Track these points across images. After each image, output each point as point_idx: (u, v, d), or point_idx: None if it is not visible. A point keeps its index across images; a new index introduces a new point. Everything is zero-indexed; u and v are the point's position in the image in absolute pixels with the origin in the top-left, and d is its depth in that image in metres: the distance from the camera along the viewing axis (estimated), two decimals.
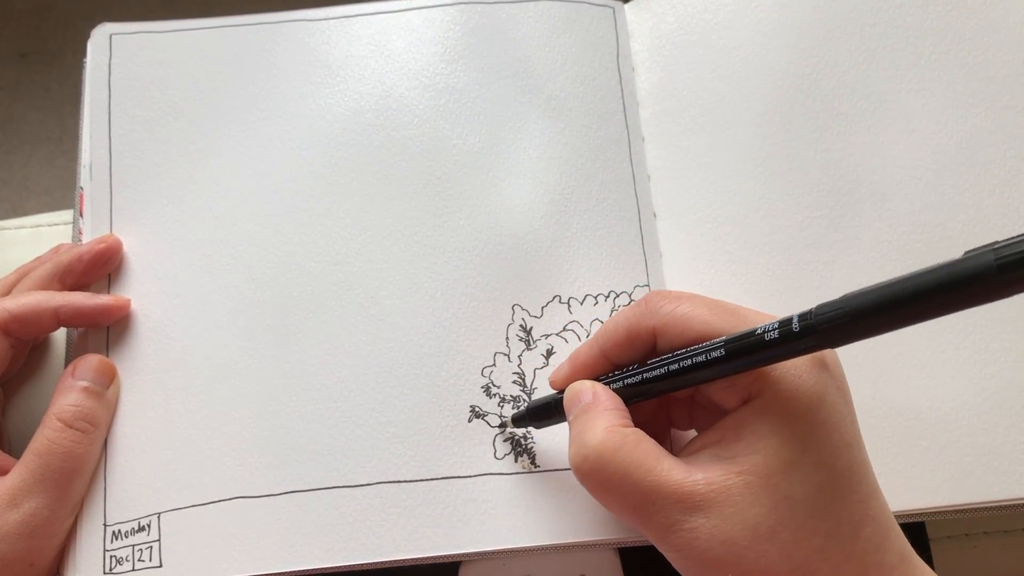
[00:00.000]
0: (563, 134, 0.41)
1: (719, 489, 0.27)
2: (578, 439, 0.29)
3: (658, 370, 0.30)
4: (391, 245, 0.39)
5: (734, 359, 0.27)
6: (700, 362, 0.28)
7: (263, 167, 0.40)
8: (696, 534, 0.26)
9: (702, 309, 0.29)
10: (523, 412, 0.35)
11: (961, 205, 0.39)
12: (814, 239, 0.39)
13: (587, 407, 0.30)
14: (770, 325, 0.26)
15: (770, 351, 0.26)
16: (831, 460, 0.27)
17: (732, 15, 0.42)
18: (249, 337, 0.38)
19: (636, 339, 0.31)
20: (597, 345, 0.32)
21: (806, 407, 0.27)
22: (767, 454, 0.27)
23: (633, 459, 0.28)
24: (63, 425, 0.34)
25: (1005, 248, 0.21)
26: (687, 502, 0.27)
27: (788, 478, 0.27)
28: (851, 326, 0.24)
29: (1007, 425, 0.36)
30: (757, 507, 0.26)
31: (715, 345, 0.28)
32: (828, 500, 0.27)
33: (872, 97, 0.40)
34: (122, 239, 0.39)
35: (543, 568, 0.36)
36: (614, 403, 0.30)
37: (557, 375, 0.34)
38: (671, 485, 0.27)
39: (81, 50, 0.42)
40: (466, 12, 0.43)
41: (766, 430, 0.27)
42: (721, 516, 0.26)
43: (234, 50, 0.42)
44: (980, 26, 0.41)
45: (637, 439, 0.28)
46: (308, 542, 0.34)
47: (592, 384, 0.31)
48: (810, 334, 0.25)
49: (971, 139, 0.40)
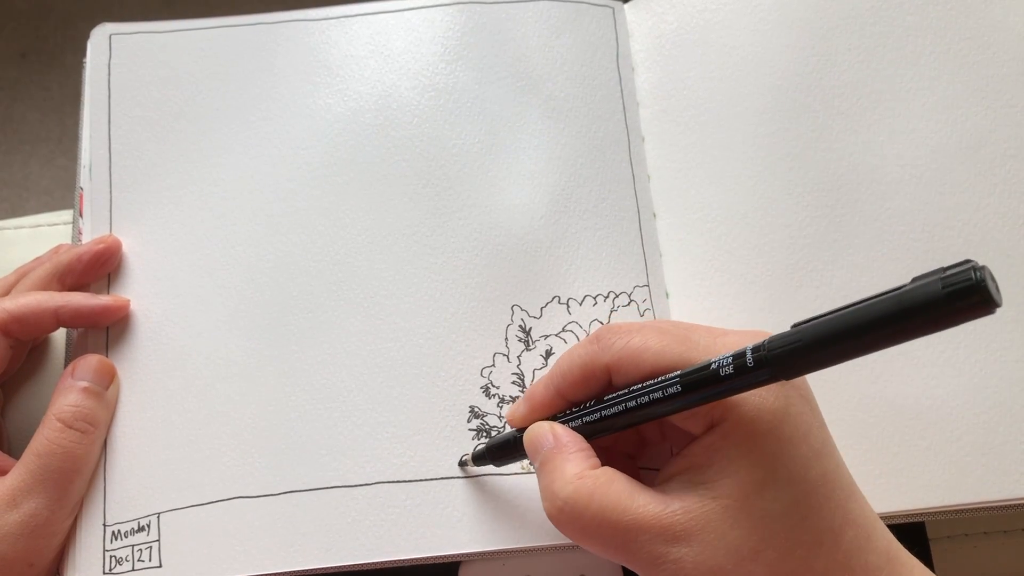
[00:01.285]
0: (563, 134, 0.41)
1: (698, 517, 0.27)
2: (549, 490, 0.29)
3: (616, 407, 0.30)
4: (391, 245, 0.39)
5: (690, 393, 0.27)
6: (658, 398, 0.28)
7: (263, 167, 0.40)
8: (682, 564, 0.27)
9: (652, 340, 0.29)
10: (483, 451, 0.35)
11: (961, 205, 0.39)
12: (814, 238, 0.39)
13: (551, 453, 0.30)
14: (724, 360, 0.26)
15: (725, 385, 0.26)
16: (803, 472, 0.27)
17: (732, 15, 0.42)
18: (248, 337, 0.38)
19: (591, 377, 0.31)
20: (553, 385, 0.32)
21: (771, 424, 0.27)
22: (739, 476, 0.27)
23: (608, 502, 0.28)
24: (63, 425, 0.34)
25: (952, 276, 0.21)
26: (668, 534, 0.27)
27: (763, 497, 0.27)
28: (804, 358, 0.24)
29: (1007, 425, 0.36)
30: (737, 529, 0.26)
31: (671, 381, 0.28)
32: (805, 512, 0.27)
33: (872, 97, 0.40)
34: (122, 239, 0.39)
35: (543, 568, 0.36)
36: (577, 444, 0.30)
37: (515, 414, 0.33)
38: (649, 519, 0.27)
39: (81, 50, 0.42)
40: (466, 12, 0.43)
41: (734, 453, 0.27)
42: (703, 543, 0.27)
43: (234, 50, 0.42)
44: (980, 25, 0.41)
45: (608, 480, 0.28)
46: (308, 542, 0.34)
47: (551, 426, 0.31)
48: (764, 366, 0.25)
49: (971, 139, 0.40)
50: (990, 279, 0.20)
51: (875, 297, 0.22)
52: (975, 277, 0.20)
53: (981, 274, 0.20)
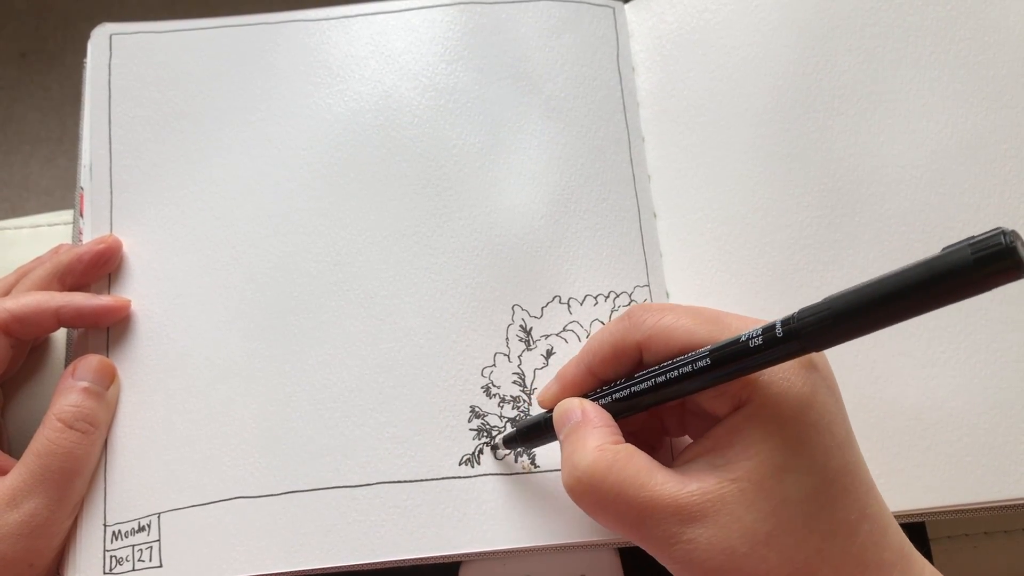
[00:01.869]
0: (563, 134, 0.41)
1: (714, 498, 0.27)
2: (569, 460, 0.29)
3: (646, 383, 0.30)
4: (391, 245, 0.39)
5: (720, 367, 0.27)
6: (687, 372, 0.28)
7: (263, 167, 0.40)
8: (695, 545, 0.26)
9: (684, 319, 0.29)
10: (514, 433, 0.35)
11: (961, 205, 0.39)
12: (814, 239, 0.39)
13: (576, 426, 0.30)
14: (754, 332, 0.26)
15: (755, 358, 0.26)
16: (824, 461, 0.27)
17: (732, 15, 0.42)
18: (249, 337, 0.38)
19: (622, 354, 0.31)
20: (583, 363, 0.32)
21: (796, 410, 0.27)
22: (760, 459, 0.27)
23: (626, 476, 0.28)
24: (63, 426, 0.34)
25: (981, 242, 0.21)
26: (683, 514, 0.27)
27: (782, 482, 0.27)
28: (834, 328, 0.24)
29: (1007, 425, 0.36)
30: (753, 513, 0.26)
31: (700, 355, 0.28)
32: (823, 501, 0.27)
33: (872, 97, 0.40)
34: (122, 239, 0.39)
35: (543, 568, 0.36)
36: (603, 420, 0.30)
37: (545, 394, 0.34)
38: (666, 498, 0.27)
39: (81, 50, 0.42)
40: (466, 12, 0.43)
41: (757, 435, 0.27)
42: (718, 525, 0.26)
43: (234, 50, 0.42)
44: (979, 26, 0.41)
45: (628, 455, 0.28)
46: (308, 542, 0.34)
47: (580, 401, 0.31)
48: (794, 338, 0.25)
49: (971, 139, 0.40)
50: (1020, 244, 0.20)
51: (904, 268, 0.23)
52: (1005, 242, 0.20)
53: (1011, 239, 0.20)
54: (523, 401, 0.37)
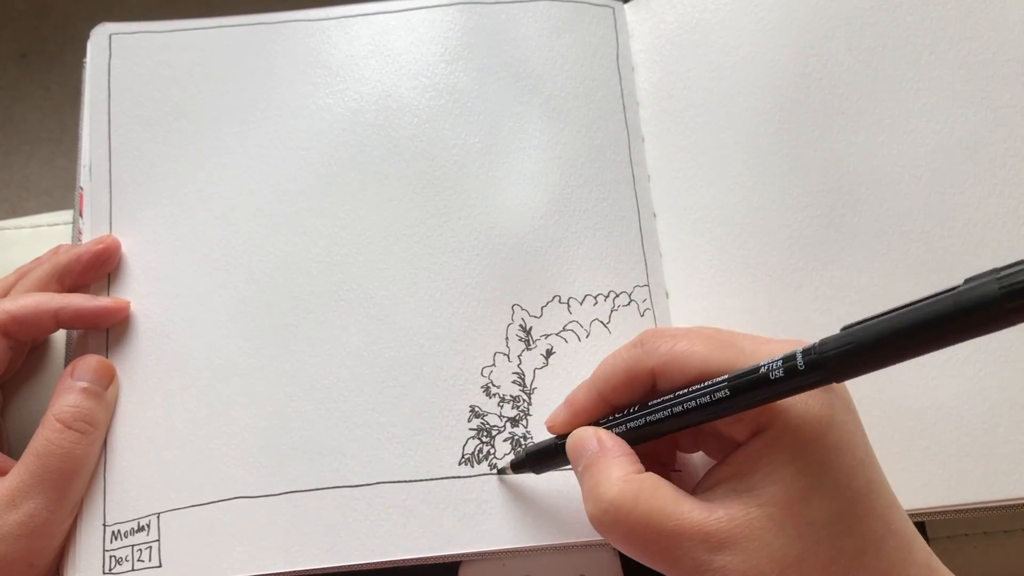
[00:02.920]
0: (563, 134, 0.41)
1: (742, 524, 0.27)
2: (594, 492, 0.29)
3: (661, 413, 0.29)
4: (391, 245, 0.39)
5: (739, 397, 0.27)
6: (705, 403, 0.28)
7: (263, 167, 0.40)
8: (724, 572, 0.26)
9: (699, 345, 0.29)
10: (522, 458, 0.34)
11: (961, 205, 0.39)
12: (814, 239, 0.39)
13: (595, 457, 0.30)
14: (774, 363, 0.26)
15: (775, 388, 0.26)
16: (847, 481, 0.27)
17: (732, 15, 0.42)
18: (248, 337, 0.38)
19: (635, 380, 0.31)
20: (595, 389, 0.32)
21: (817, 432, 0.27)
22: (784, 484, 0.27)
23: (653, 506, 0.28)
24: (62, 426, 0.34)
25: (1009, 276, 0.20)
26: (712, 541, 0.27)
27: (808, 505, 0.27)
28: (857, 360, 0.24)
29: (1007, 425, 0.36)
30: (781, 538, 0.26)
31: (719, 385, 0.27)
32: (849, 521, 0.27)
33: (872, 97, 0.40)
34: (122, 239, 0.39)
35: (543, 568, 0.36)
36: (622, 449, 0.30)
37: (555, 420, 0.33)
38: (694, 526, 0.27)
39: (81, 50, 0.42)
40: (466, 12, 0.43)
41: (780, 460, 0.27)
42: (747, 551, 0.26)
43: (234, 50, 0.42)
44: (979, 25, 0.41)
45: (654, 485, 0.28)
46: (308, 542, 0.34)
47: (595, 431, 0.31)
48: (815, 370, 0.25)
49: (971, 139, 0.40)
50: None
51: (927, 299, 0.22)
52: None
53: None
54: (523, 401, 0.37)
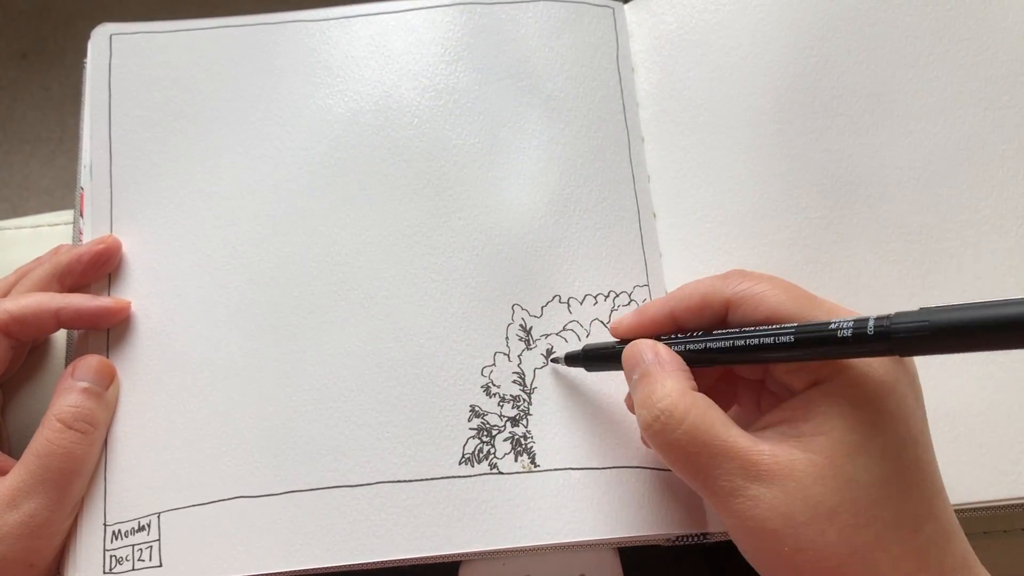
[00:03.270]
0: (563, 134, 0.41)
1: (784, 463, 0.27)
2: (648, 399, 0.30)
3: (723, 342, 0.30)
4: (391, 245, 0.39)
5: (801, 348, 0.27)
6: (767, 343, 0.28)
7: (263, 167, 0.40)
8: (756, 503, 0.27)
9: (779, 291, 0.30)
10: (578, 352, 0.35)
11: (959, 206, 0.39)
12: (813, 239, 0.39)
13: (652, 366, 0.30)
14: (844, 322, 0.26)
15: (839, 347, 0.26)
16: (897, 451, 0.27)
17: (731, 15, 0.42)
18: (249, 337, 0.38)
19: (708, 307, 0.31)
20: (668, 305, 0.33)
21: (875, 395, 0.27)
22: (833, 436, 0.27)
23: (704, 422, 0.28)
24: (62, 426, 0.34)
25: None
26: (751, 470, 0.27)
27: (853, 462, 0.27)
28: (927, 341, 0.24)
29: (1006, 425, 0.36)
30: (819, 486, 0.26)
31: (785, 330, 0.28)
32: (891, 490, 0.27)
33: (871, 97, 0.40)
34: (122, 239, 0.39)
35: (543, 568, 0.36)
36: (679, 365, 0.31)
37: (621, 324, 0.34)
38: (737, 451, 0.27)
39: (81, 50, 0.42)
40: (466, 12, 0.43)
41: (834, 412, 0.27)
42: (783, 489, 0.27)
43: (234, 50, 0.42)
44: (979, 26, 0.41)
45: (707, 404, 0.29)
46: (308, 542, 0.34)
47: (654, 344, 0.31)
48: (883, 340, 0.25)
49: (970, 140, 0.40)
50: None
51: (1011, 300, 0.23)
52: None
53: None
54: (523, 400, 0.37)
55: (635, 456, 0.36)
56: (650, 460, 0.36)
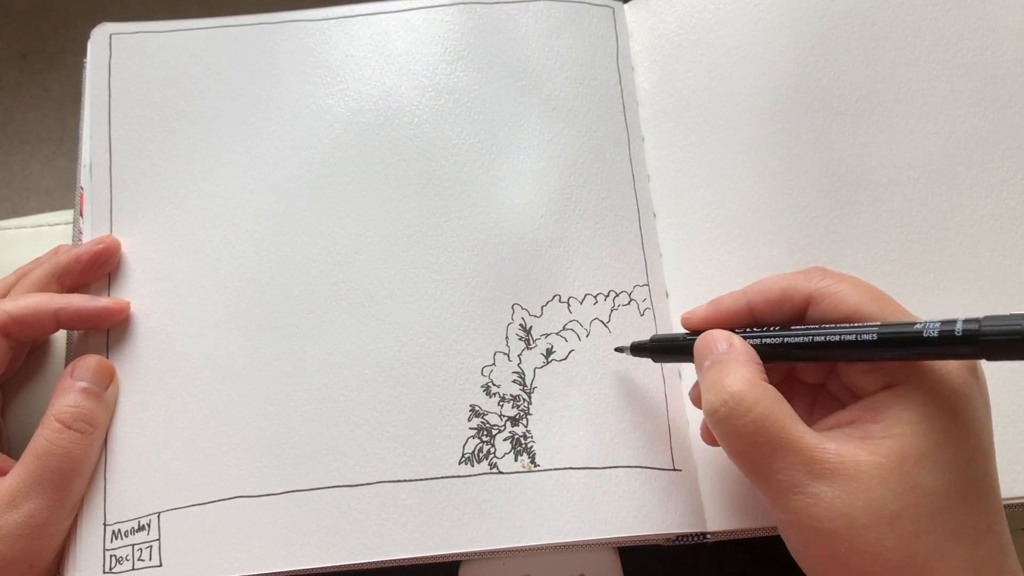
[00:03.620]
0: (563, 134, 0.41)
1: (849, 462, 0.26)
2: (718, 384, 0.29)
3: (801, 337, 0.29)
4: (391, 245, 0.39)
5: (884, 347, 0.27)
6: (848, 341, 0.28)
7: (263, 167, 0.40)
8: (816, 500, 0.26)
9: (860, 290, 0.30)
10: (646, 343, 0.35)
11: (959, 205, 0.39)
12: (813, 239, 0.39)
13: (725, 355, 0.30)
14: (931, 323, 0.26)
15: (924, 348, 0.26)
16: (966, 462, 0.27)
17: (731, 15, 0.42)
18: (249, 337, 0.38)
19: (787, 301, 0.31)
20: (746, 297, 0.32)
21: (950, 404, 0.27)
22: (903, 440, 0.27)
23: (772, 412, 0.28)
24: (62, 426, 0.34)
25: None
26: (815, 466, 0.27)
27: (920, 468, 0.26)
28: (1018, 345, 0.24)
29: (1005, 425, 0.36)
30: (883, 489, 0.26)
31: (868, 328, 0.28)
32: (956, 501, 0.26)
33: (871, 97, 0.40)
34: (122, 239, 0.39)
35: (542, 568, 0.36)
36: (753, 357, 0.30)
37: (693, 314, 0.34)
38: (803, 446, 0.27)
39: (81, 50, 0.42)
40: (466, 12, 0.43)
41: (906, 417, 0.27)
42: (846, 489, 0.26)
43: (234, 50, 0.42)
44: (979, 25, 0.41)
45: (778, 396, 0.28)
46: (308, 542, 0.34)
47: (728, 334, 0.31)
48: (971, 343, 0.25)
49: (970, 139, 0.40)
50: None
51: None
52: None
53: None
54: (523, 400, 0.37)
55: (635, 456, 0.36)
56: (650, 460, 0.36)
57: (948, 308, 0.38)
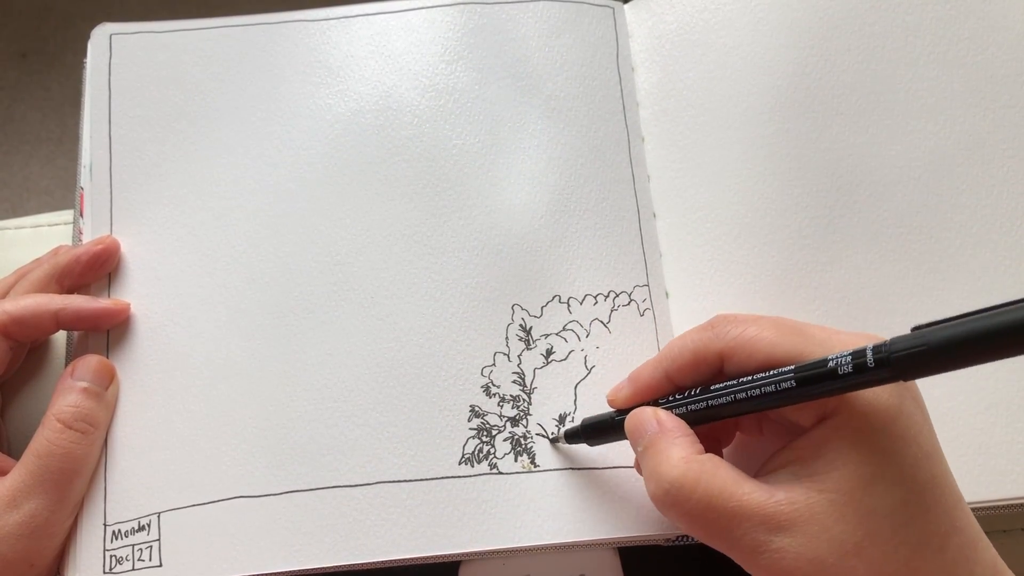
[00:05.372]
0: (563, 134, 0.41)
1: (802, 508, 0.27)
2: (655, 472, 0.29)
3: (725, 398, 0.29)
4: (391, 245, 0.39)
5: (804, 388, 0.27)
6: (770, 392, 0.28)
7: (263, 167, 0.40)
8: (783, 554, 0.26)
9: (768, 331, 0.29)
10: (577, 429, 0.35)
11: (959, 205, 0.39)
12: (813, 239, 0.39)
13: (655, 437, 0.30)
14: (843, 358, 0.26)
15: (841, 382, 0.26)
16: (912, 472, 0.27)
17: (731, 15, 0.42)
18: (249, 337, 0.38)
19: (702, 362, 0.31)
20: (661, 367, 0.32)
21: (884, 421, 0.27)
22: (848, 470, 0.27)
23: (714, 487, 0.28)
24: (62, 426, 0.34)
25: None
26: (771, 523, 0.27)
27: (871, 493, 0.27)
28: (928, 362, 0.24)
29: (1004, 424, 0.36)
30: (842, 524, 0.26)
31: (785, 375, 0.28)
32: (912, 513, 0.27)
33: (871, 97, 0.40)
34: (122, 239, 0.39)
35: (542, 568, 0.36)
36: (682, 430, 0.30)
37: (617, 395, 0.33)
38: (754, 507, 0.27)
39: (81, 50, 0.42)
40: (466, 12, 0.43)
41: (844, 447, 0.27)
42: (806, 535, 0.26)
43: (234, 50, 0.42)
44: (979, 25, 0.41)
45: (715, 466, 0.28)
46: (308, 542, 0.34)
47: (654, 411, 0.31)
48: (883, 368, 0.25)
49: (970, 139, 0.40)
50: None
51: (1001, 306, 0.23)
52: None
53: None
54: (523, 400, 0.37)
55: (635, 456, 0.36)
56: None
57: (948, 308, 0.38)
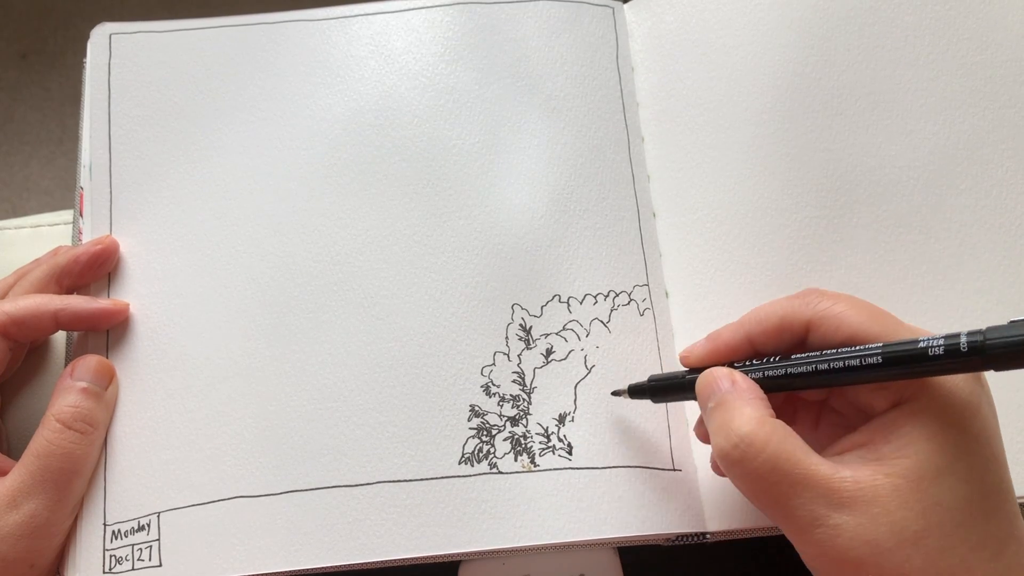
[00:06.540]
0: (563, 134, 0.41)
1: (867, 488, 0.26)
2: (726, 427, 0.29)
3: (805, 367, 0.29)
4: (391, 245, 0.39)
5: (890, 367, 0.27)
6: (853, 366, 0.28)
7: (263, 167, 0.40)
8: (839, 531, 0.26)
9: (858, 311, 0.29)
10: (643, 384, 0.34)
11: (959, 206, 0.39)
12: (813, 239, 0.39)
13: (729, 395, 0.30)
14: (934, 340, 0.26)
15: (930, 365, 0.26)
16: (982, 473, 0.27)
17: (731, 14, 0.42)
18: (249, 337, 0.38)
19: (787, 330, 0.31)
20: (743, 329, 0.32)
21: (961, 416, 0.27)
22: (918, 459, 0.27)
23: (784, 449, 0.27)
24: (62, 426, 0.34)
25: None
26: (833, 497, 0.26)
27: (938, 485, 0.26)
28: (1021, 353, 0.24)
29: (1004, 424, 0.36)
30: (904, 510, 0.26)
31: (872, 351, 0.27)
32: (976, 512, 0.26)
33: (871, 97, 0.40)
34: (122, 239, 0.39)
35: (542, 568, 0.36)
36: (756, 392, 0.30)
37: (692, 352, 0.33)
38: (819, 479, 0.27)
39: (81, 50, 0.42)
40: (466, 12, 0.43)
41: (918, 434, 0.27)
42: (867, 516, 0.26)
43: (234, 50, 0.42)
44: (979, 25, 0.41)
45: (787, 431, 0.28)
46: (308, 542, 0.34)
47: (730, 371, 0.31)
48: (976, 355, 0.25)
49: (969, 139, 0.40)
50: None
51: None
52: None
53: None
54: (523, 400, 0.37)
55: (635, 456, 0.36)
56: (650, 460, 0.36)
57: (948, 308, 0.38)
